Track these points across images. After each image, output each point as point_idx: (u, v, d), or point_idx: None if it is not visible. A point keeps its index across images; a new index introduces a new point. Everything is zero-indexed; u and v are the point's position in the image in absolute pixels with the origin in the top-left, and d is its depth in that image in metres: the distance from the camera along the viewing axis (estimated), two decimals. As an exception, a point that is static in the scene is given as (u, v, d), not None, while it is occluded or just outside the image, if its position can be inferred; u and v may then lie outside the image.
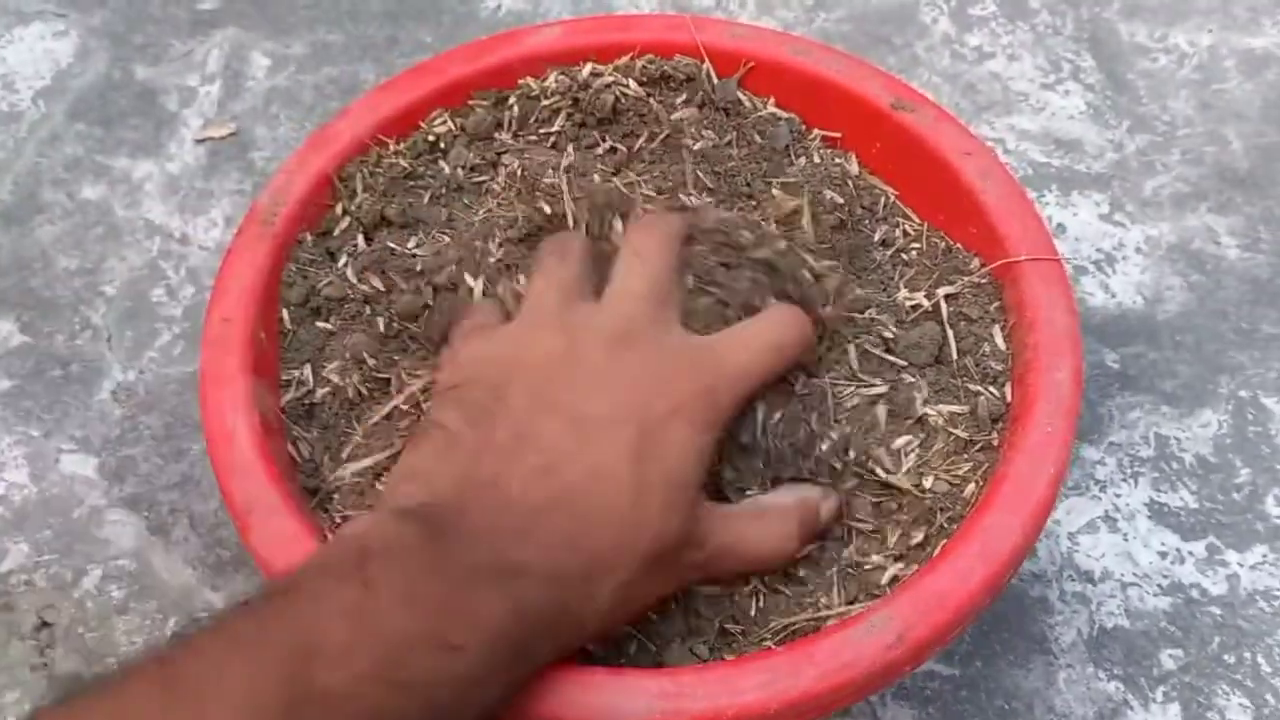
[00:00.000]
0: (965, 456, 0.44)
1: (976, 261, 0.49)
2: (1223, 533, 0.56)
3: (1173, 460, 0.59)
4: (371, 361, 0.46)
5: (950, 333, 0.47)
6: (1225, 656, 0.52)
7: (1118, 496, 0.57)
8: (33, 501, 0.57)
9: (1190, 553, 0.56)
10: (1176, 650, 0.53)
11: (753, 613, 0.42)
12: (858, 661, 0.37)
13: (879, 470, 0.44)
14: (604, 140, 0.53)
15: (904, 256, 0.50)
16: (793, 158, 0.53)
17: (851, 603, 0.41)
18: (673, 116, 0.53)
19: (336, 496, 0.43)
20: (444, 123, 0.53)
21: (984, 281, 0.48)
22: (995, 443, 0.44)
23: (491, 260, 0.46)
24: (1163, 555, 0.55)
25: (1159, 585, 0.55)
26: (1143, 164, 0.71)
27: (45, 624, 0.53)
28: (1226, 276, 0.66)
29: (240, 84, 0.74)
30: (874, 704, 0.51)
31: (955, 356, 0.46)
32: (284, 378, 0.47)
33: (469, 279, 0.46)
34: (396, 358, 0.47)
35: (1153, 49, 0.77)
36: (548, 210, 0.48)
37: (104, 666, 0.52)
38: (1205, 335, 0.63)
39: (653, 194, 0.50)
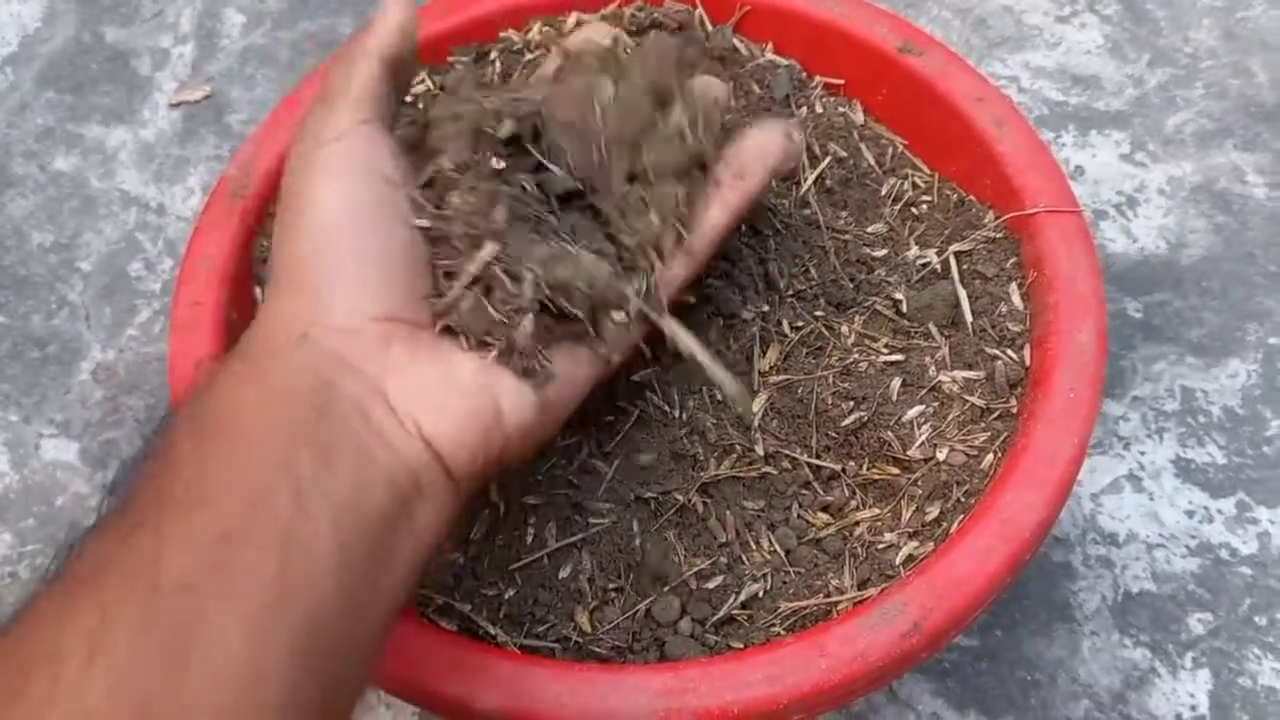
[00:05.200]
0: (982, 425, 0.41)
1: (991, 215, 0.46)
2: (1253, 488, 0.54)
3: (1199, 414, 0.56)
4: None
5: (964, 292, 0.44)
6: (1257, 619, 0.50)
7: (1142, 454, 0.55)
8: (14, 490, 0.55)
9: (1219, 511, 0.53)
10: (1205, 614, 0.50)
11: (760, 595, 0.40)
12: (871, 651, 0.35)
13: (891, 443, 0.41)
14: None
15: (914, 211, 0.47)
16: (794, 107, 0.50)
17: (864, 585, 0.39)
18: (665, 67, 0.50)
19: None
20: (422, 81, 0.50)
21: (999, 236, 0.45)
22: (1014, 410, 0.41)
23: None
24: (1190, 514, 0.53)
25: (1186, 546, 0.52)
26: (1164, 99, 0.67)
27: (32, 617, 0.51)
28: (1254, 217, 0.62)
29: (214, 43, 0.71)
30: (890, 678, 0.49)
31: (970, 318, 0.44)
32: (261, 360, 0.44)
33: None
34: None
35: (1173, -25, 0.73)
36: None
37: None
38: (1232, 280, 0.60)
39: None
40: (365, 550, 0.27)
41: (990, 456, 0.40)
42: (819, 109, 0.49)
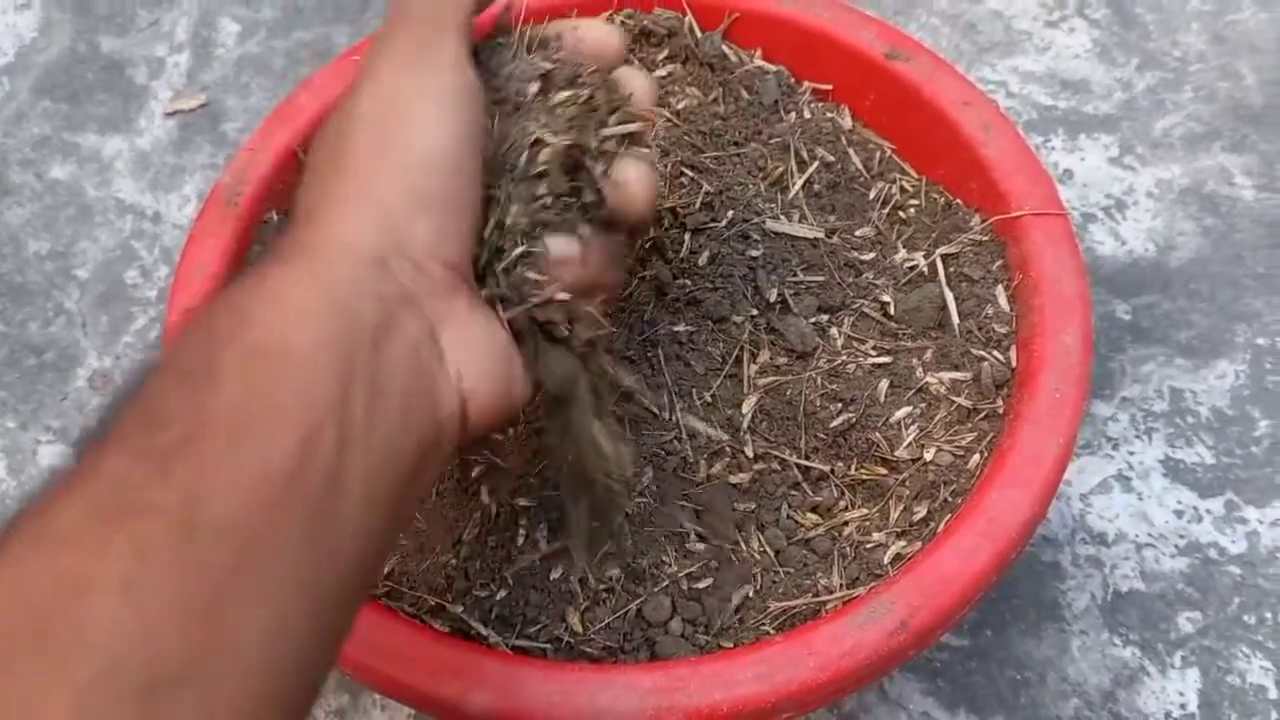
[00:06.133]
0: (969, 426, 0.42)
1: (978, 218, 0.46)
2: (1241, 488, 0.54)
3: (1188, 414, 0.56)
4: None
5: (951, 295, 0.45)
6: (1245, 617, 0.50)
7: (1131, 454, 0.55)
8: (11, 496, 0.55)
9: (1208, 510, 0.54)
10: (1194, 613, 0.51)
11: (750, 595, 0.40)
12: (859, 650, 0.35)
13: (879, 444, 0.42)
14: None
15: (901, 214, 0.48)
16: (782, 113, 0.50)
17: (853, 584, 0.40)
18: (654, 74, 0.51)
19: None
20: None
21: (986, 239, 0.46)
22: (1000, 410, 0.42)
23: None
24: (1179, 514, 0.53)
25: (1175, 545, 0.53)
26: (1153, 103, 0.68)
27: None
28: (1242, 219, 0.63)
29: (209, 52, 0.71)
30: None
31: (957, 320, 0.44)
32: (255, 366, 0.45)
33: None
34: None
35: (1161, -20, 0.73)
36: None
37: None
38: (1220, 282, 0.60)
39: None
40: (388, 499, 0.27)
41: (977, 456, 0.41)
42: (807, 114, 0.50)
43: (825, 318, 0.44)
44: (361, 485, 0.26)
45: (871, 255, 0.46)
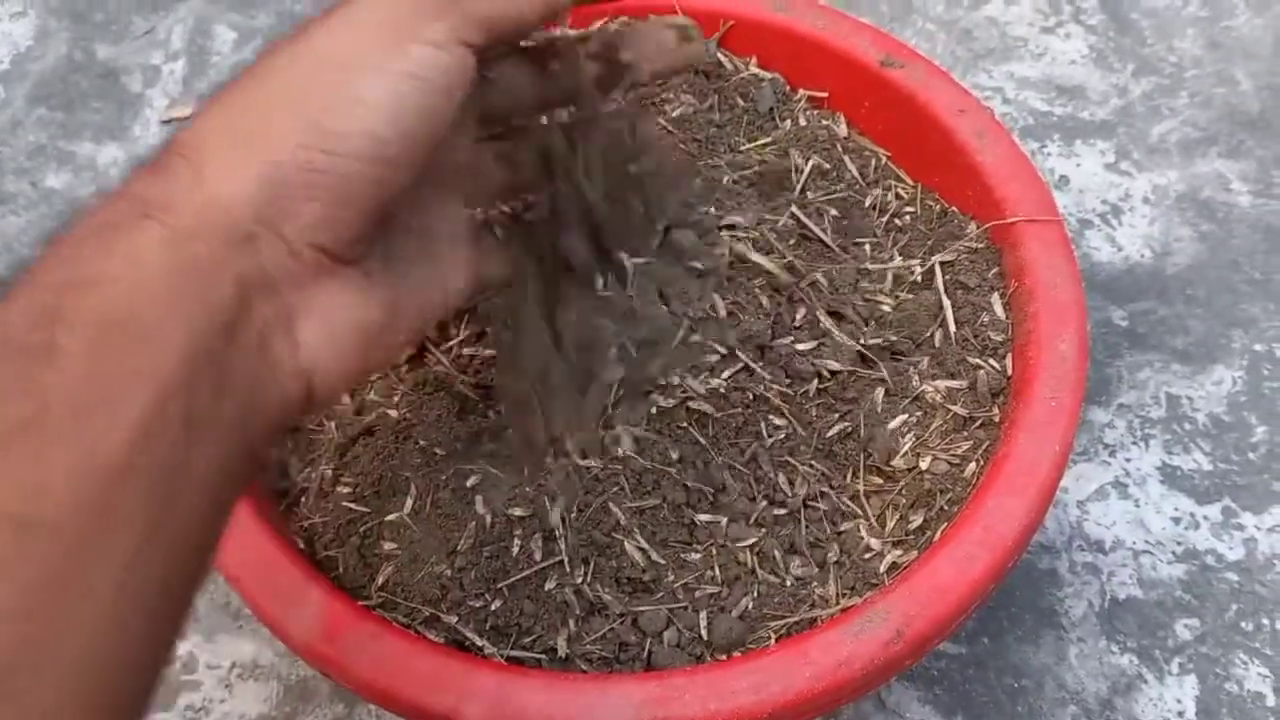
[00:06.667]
0: (965, 434, 0.42)
1: (973, 225, 0.46)
2: (1238, 495, 0.54)
3: (1185, 420, 0.56)
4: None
5: (947, 302, 0.44)
6: (1243, 624, 0.50)
7: (1128, 461, 0.55)
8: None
9: (1205, 517, 0.53)
10: (1192, 619, 0.51)
11: (751, 606, 0.40)
12: (854, 660, 0.35)
13: (875, 454, 0.41)
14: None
15: (897, 222, 0.48)
16: (778, 120, 0.50)
17: (849, 593, 0.40)
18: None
19: (304, 499, 0.42)
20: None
21: (981, 246, 0.46)
22: (996, 418, 0.42)
23: None
24: (1176, 521, 0.53)
25: (1173, 552, 0.52)
26: (1149, 109, 0.68)
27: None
28: (1238, 225, 0.63)
29: (205, 60, 0.71)
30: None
31: (953, 328, 0.44)
32: (249, 375, 0.44)
33: None
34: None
35: (1157, -14, 0.73)
36: None
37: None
38: (1217, 288, 0.60)
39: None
40: (233, 481, 0.26)
41: (973, 465, 0.41)
42: (803, 122, 0.50)
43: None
44: (205, 477, 0.24)
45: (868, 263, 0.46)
